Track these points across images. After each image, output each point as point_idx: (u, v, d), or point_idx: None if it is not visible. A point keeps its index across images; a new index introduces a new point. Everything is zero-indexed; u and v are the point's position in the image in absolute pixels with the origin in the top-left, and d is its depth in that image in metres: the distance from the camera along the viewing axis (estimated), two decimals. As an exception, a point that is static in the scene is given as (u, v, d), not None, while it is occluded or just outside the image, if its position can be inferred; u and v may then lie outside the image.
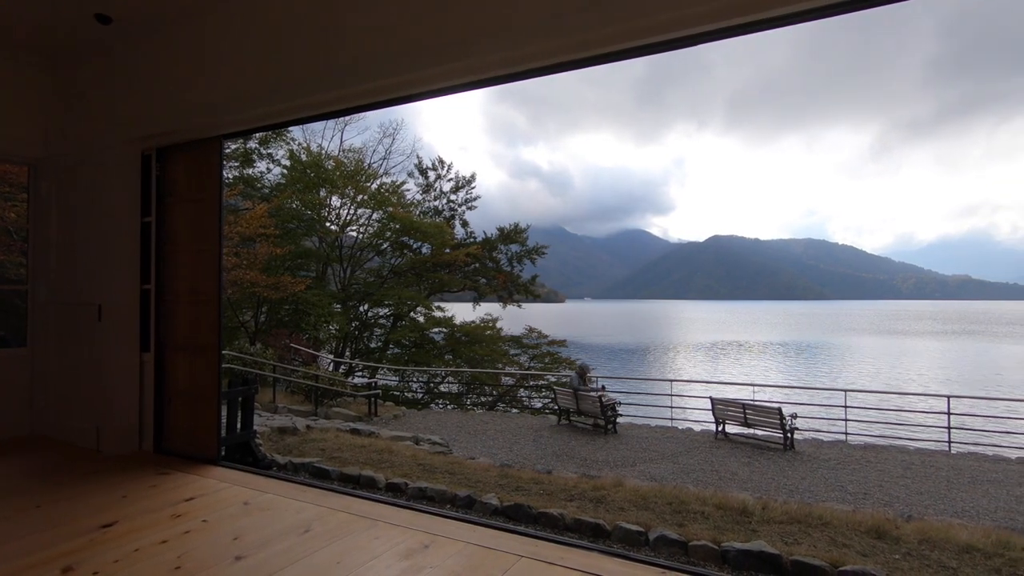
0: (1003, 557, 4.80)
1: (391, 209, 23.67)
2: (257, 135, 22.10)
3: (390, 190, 25.11)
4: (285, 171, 23.25)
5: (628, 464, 9.77)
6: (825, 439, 12.46)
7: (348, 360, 23.02)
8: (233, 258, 17.32)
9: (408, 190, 26.63)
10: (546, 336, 25.16)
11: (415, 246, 25.46)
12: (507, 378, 23.48)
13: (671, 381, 15.61)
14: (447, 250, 24.32)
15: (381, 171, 25.98)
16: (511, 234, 25.80)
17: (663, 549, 4.81)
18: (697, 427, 13.65)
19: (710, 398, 12.43)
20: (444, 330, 24.22)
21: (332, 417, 12.21)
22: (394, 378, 23.50)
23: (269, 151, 23.19)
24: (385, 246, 25.36)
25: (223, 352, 14.21)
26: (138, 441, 5.04)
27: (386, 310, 25.17)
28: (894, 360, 54.24)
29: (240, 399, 6.18)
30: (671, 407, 14.93)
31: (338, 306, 23.24)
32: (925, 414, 13.99)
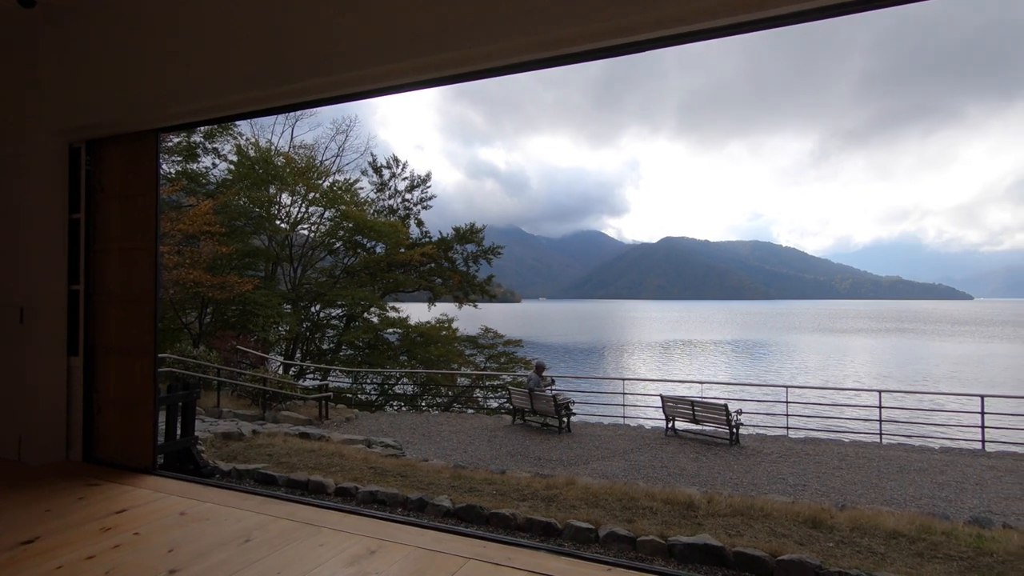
0: (925, 541, 5.12)
1: (344, 207, 23.19)
2: (201, 129, 21.22)
3: (343, 188, 24.61)
4: (232, 167, 22.43)
5: (581, 462, 9.90)
6: (769, 434, 12.97)
7: (299, 362, 22.41)
8: (175, 257, 16.58)
9: (362, 188, 26.20)
10: (502, 336, 25.20)
11: (369, 245, 25.03)
12: (463, 379, 23.39)
13: (623, 380, 15.92)
14: (402, 250, 24.02)
15: (334, 168, 25.47)
16: (467, 234, 25.70)
17: (613, 545, 4.89)
18: (648, 424, 13.98)
19: (660, 396, 12.74)
20: (399, 331, 23.91)
21: (281, 421, 11.86)
22: (347, 380, 23.03)
23: (215, 145, 22.31)
24: (338, 245, 24.83)
25: (163, 355, 13.55)
26: (65, 451, 4.75)
27: (339, 311, 24.65)
28: (833, 357, 57.09)
29: (180, 404, 5.91)
30: (623, 405, 15.22)
31: (288, 307, 22.60)
32: (859, 408, 14.78)
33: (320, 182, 23.78)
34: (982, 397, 12.08)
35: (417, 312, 25.29)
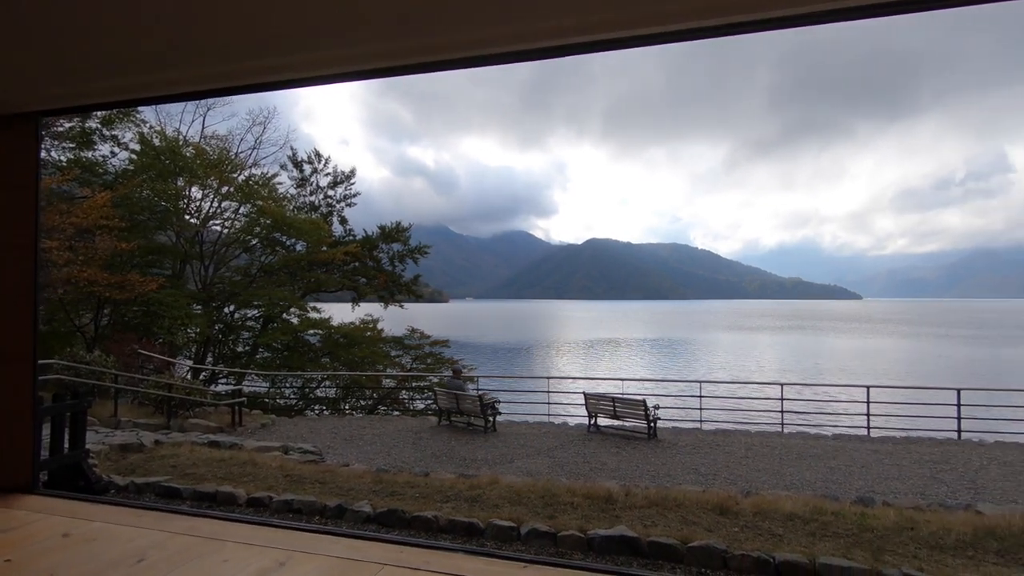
0: (817, 522, 5.58)
1: (261, 203, 22.04)
2: (99, 113, 19.47)
3: (260, 182, 23.39)
4: (134, 156, 20.75)
5: (506, 461, 9.97)
6: (684, 427, 13.64)
7: (210, 366, 21.08)
8: (66, 253, 15.09)
9: (281, 183, 25.00)
10: (429, 336, 24.90)
11: (288, 243, 23.95)
12: (388, 380, 22.91)
13: (548, 378, 16.20)
14: (324, 248, 23.17)
15: (250, 162, 24.12)
16: (393, 233, 25.20)
17: (534, 542, 4.97)
18: (572, 421, 14.30)
19: (584, 393, 13.08)
20: (320, 332, 23.05)
21: (188, 430, 11.11)
22: (264, 384, 21.92)
23: (114, 132, 20.54)
24: (254, 243, 23.58)
25: (48, 361, 12.31)
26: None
27: (255, 311, 23.43)
28: (743, 353, 61.00)
29: (68, 415, 5.40)
30: (548, 403, 15.49)
31: (198, 307, 21.20)
32: (765, 400, 15.87)
33: (235, 176, 22.47)
34: (868, 388, 13.32)
35: (340, 313, 24.50)
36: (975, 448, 10.91)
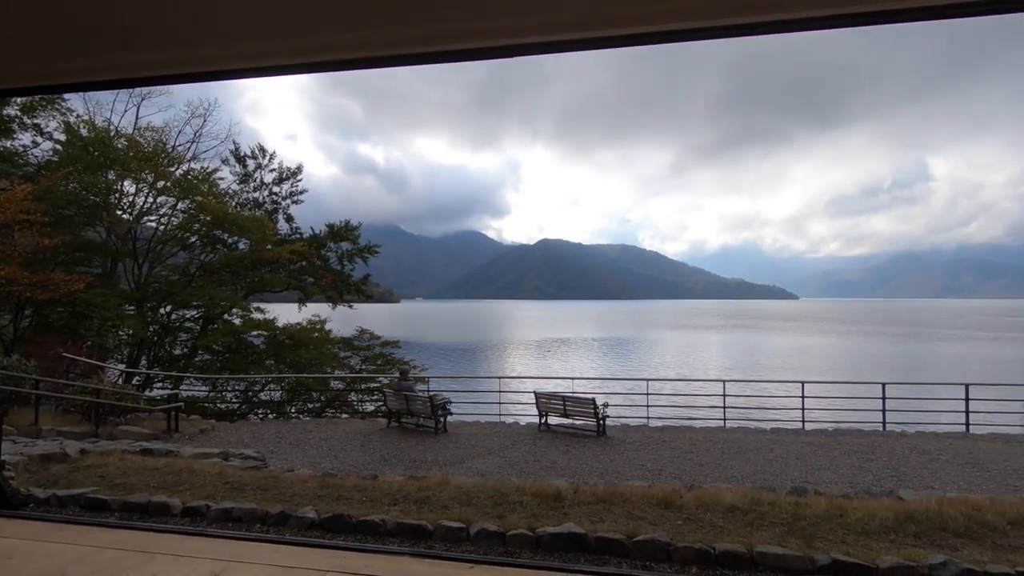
0: (755, 512, 5.82)
1: (200, 199, 21.06)
2: (18, 100, 18.14)
3: (200, 177, 22.36)
4: (59, 147, 19.43)
5: (456, 462, 9.93)
6: (632, 424, 13.95)
7: (144, 370, 20.00)
8: (-21, 249, 13.99)
9: (223, 179, 23.98)
10: (379, 337, 24.47)
11: (230, 241, 23.00)
12: (336, 382, 22.36)
13: (499, 378, 16.23)
14: (268, 246, 22.37)
15: (189, 155, 23.02)
16: (342, 231, 24.61)
17: (483, 542, 4.97)
18: (523, 420, 14.38)
19: (534, 393, 13.17)
20: (264, 333, 22.25)
21: (119, 437, 10.49)
22: (203, 388, 20.98)
23: (36, 120, 19.18)
24: (193, 240, 22.53)
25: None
26: None
27: (194, 312, 22.38)
28: (688, 351, 62.99)
29: (-20, 424, 5.00)
30: (499, 403, 15.52)
31: (131, 308, 20.07)
32: (708, 397, 16.44)
33: (172, 169, 21.38)
34: (802, 383, 14.01)
35: (286, 313, 23.74)
36: (898, 438, 11.66)
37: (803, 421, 13.68)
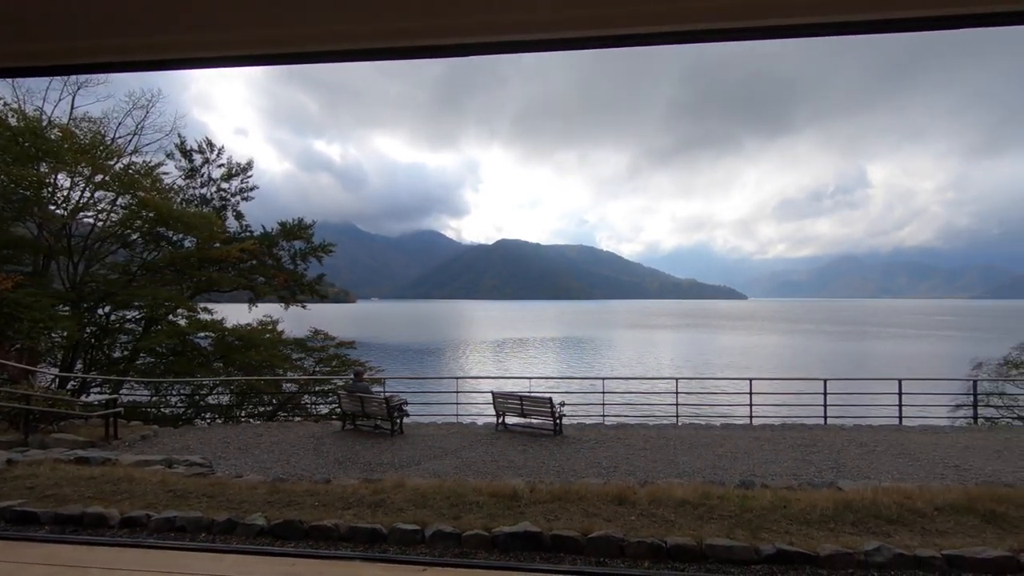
0: (705, 506, 5.99)
1: (143, 194, 20.07)
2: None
3: (142, 171, 21.29)
4: (-17, 136, 18.14)
5: (413, 463, 9.82)
6: (588, 422, 14.15)
7: (80, 374, 18.92)
8: None
9: (167, 174, 22.92)
10: (334, 338, 23.92)
11: (175, 239, 22.03)
12: (289, 384, 21.75)
13: (456, 379, 16.16)
14: (216, 244, 21.55)
15: (130, 148, 21.90)
16: (295, 229, 23.93)
17: (438, 544, 4.93)
18: (481, 421, 14.36)
19: (491, 392, 13.17)
20: (212, 334, 21.41)
21: (51, 446, 9.88)
22: (146, 392, 20.02)
23: (-44, 108, 17.87)
24: (135, 237, 21.45)
25: None
26: None
27: (136, 313, 21.32)
28: (643, 350, 64.34)
29: None
30: (457, 403, 15.45)
31: (66, 308, 18.94)
32: (662, 394, 16.84)
33: (111, 163, 20.29)
34: (750, 381, 14.52)
35: (236, 313, 22.91)
36: (838, 432, 12.24)
37: (751, 417, 14.18)
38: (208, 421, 18.72)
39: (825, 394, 14.07)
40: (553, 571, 3.54)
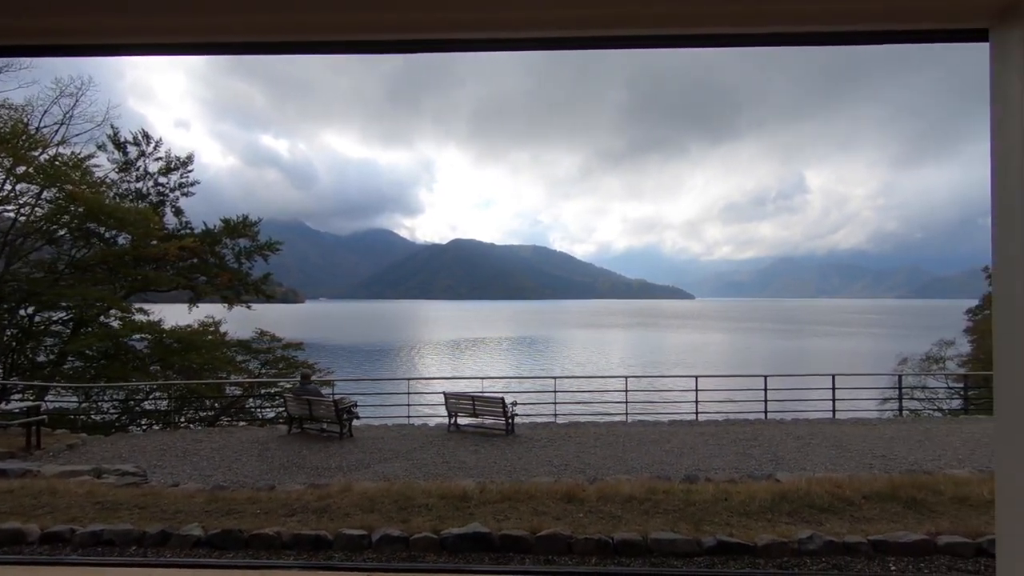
0: (651, 500, 6.14)
1: (71, 187, 18.86)
2: None
3: (70, 163, 19.99)
4: None
5: (362, 467, 9.63)
6: (539, 421, 14.24)
7: (-1, 380, 17.64)
8: None
9: (98, 167, 21.59)
10: (280, 339, 23.17)
11: (108, 235, 20.80)
12: (233, 388, 20.93)
13: (408, 380, 15.97)
14: (154, 242, 20.49)
15: (57, 138, 20.50)
16: (239, 227, 23.01)
17: (385, 548, 4.85)
18: (433, 422, 14.23)
19: (443, 393, 13.08)
20: (149, 336, 20.35)
21: (-36, 458, 9.16)
22: (74, 399, 18.83)
23: None
24: (62, 233, 20.12)
25: None
26: None
27: (63, 314, 20.02)
28: (595, 349, 65.41)
29: None
30: (408, 405, 15.26)
31: (-18, 309, 17.61)
32: (612, 392, 17.15)
33: (35, 153, 18.97)
34: (696, 378, 14.98)
35: (175, 314, 21.85)
36: (777, 426, 12.80)
37: (696, 413, 14.63)
38: (144, 428, 17.79)
39: (766, 390, 14.68)
40: (499, 571, 3.54)
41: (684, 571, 4.57)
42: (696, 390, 14.72)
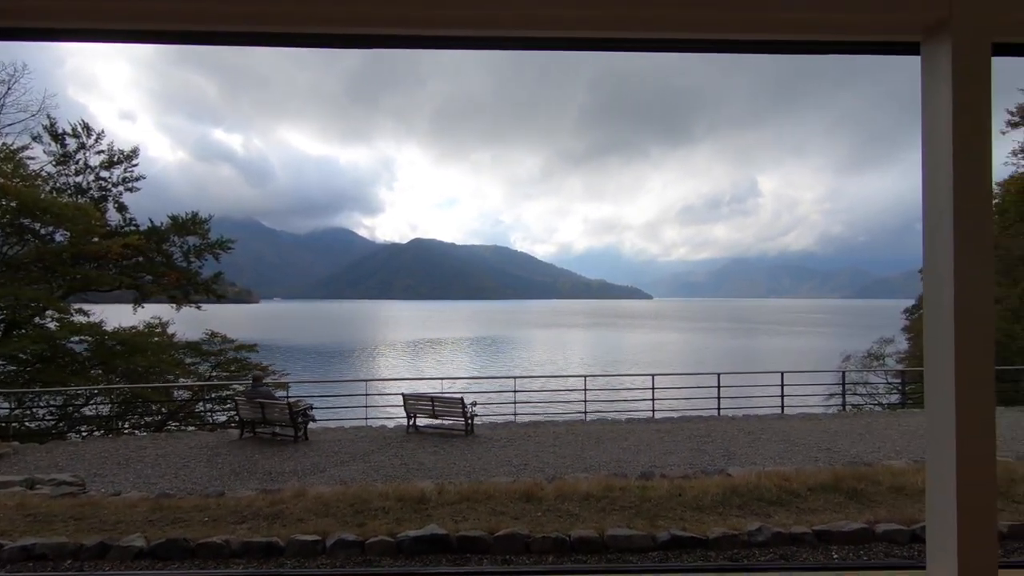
0: (608, 498, 6.22)
1: (1, 180, 17.73)
2: None
3: (1, 155, 18.81)
4: None
5: (317, 471, 9.41)
6: (499, 421, 14.24)
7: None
8: None
9: (33, 159, 20.37)
10: (232, 340, 22.39)
11: (44, 232, 19.66)
12: (181, 391, 20.11)
13: (366, 381, 15.72)
14: (95, 239, 19.48)
15: (-15, 128, 19.26)
16: (187, 224, 22.10)
17: (340, 553, 4.75)
18: (391, 424, 14.04)
19: (402, 395, 12.92)
20: (89, 338, 19.32)
21: None
22: (4, 405, 17.72)
23: None
24: (-9, 229, 18.91)
25: None
26: None
27: (-7, 315, 18.81)
28: (555, 348, 65.96)
29: None
30: (366, 407, 15.02)
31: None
32: (571, 391, 17.32)
33: (-39, 144, 17.79)
34: (653, 376, 15.29)
35: (118, 315, 20.82)
36: (730, 422, 13.19)
37: (653, 411, 14.93)
38: (84, 435, 16.89)
39: (719, 387, 15.12)
40: (456, 573, 3.51)
41: (639, 566, 4.65)
42: (653, 388, 15.02)
